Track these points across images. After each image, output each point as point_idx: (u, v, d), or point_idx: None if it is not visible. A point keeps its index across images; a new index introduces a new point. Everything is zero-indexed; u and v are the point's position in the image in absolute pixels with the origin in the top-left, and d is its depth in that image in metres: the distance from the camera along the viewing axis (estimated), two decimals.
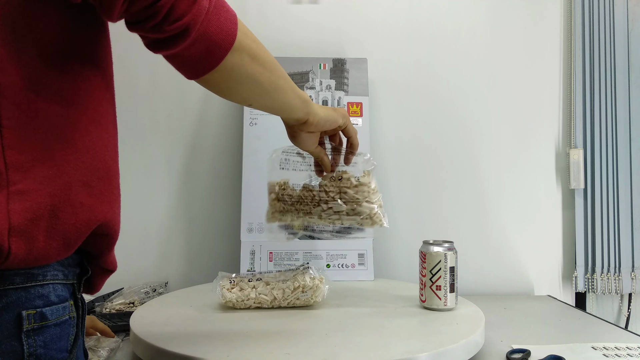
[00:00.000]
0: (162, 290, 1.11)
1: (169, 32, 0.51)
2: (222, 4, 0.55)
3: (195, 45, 0.54)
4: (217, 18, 0.54)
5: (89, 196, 0.51)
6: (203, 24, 0.52)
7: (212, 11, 0.53)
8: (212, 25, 0.53)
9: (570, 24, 1.31)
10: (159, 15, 0.49)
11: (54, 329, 0.50)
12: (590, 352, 0.84)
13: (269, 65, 0.62)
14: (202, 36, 0.53)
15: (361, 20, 1.29)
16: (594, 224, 1.28)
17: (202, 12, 0.52)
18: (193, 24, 0.51)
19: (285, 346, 0.72)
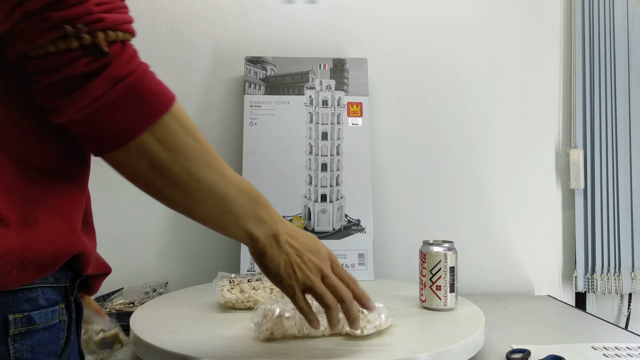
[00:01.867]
0: (162, 290, 1.11)
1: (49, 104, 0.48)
2: (136, 97, 0.49)
3: (77, 125, 0.49)
4: (117, 109, 0.48)
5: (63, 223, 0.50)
6: (86, 109, 0.47)
7: (109, 101, 0.47)
8: (105, 116, 0.48)
9: (570, 24, 1.31)
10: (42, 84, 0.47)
11: (42, 333, 0.49)
12: (590, 352, 0.84)
13: (184, 185, 0.54)
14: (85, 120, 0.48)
15: (361, 20, 1.29)
16: (594, 224, 1.28)
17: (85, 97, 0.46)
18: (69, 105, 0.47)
19: (285, 346, 0.72)
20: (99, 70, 0.47)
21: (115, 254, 1.26)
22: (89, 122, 0.48)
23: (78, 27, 0.45)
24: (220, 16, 1.27)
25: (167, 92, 0.51)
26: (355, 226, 1.18)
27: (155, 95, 0.50)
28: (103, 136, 0.49)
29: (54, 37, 0.45)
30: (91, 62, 0.46)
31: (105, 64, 0.47)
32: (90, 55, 0.46)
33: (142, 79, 0.49)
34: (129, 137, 0.50)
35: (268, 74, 1.24)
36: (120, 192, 1.26)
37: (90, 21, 0.45)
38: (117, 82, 0.47)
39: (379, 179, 1.27)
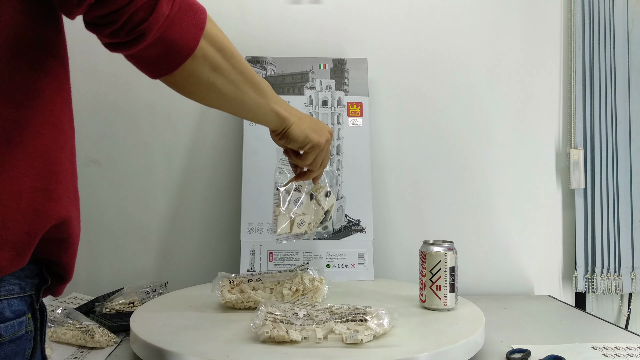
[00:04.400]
0: (162, 290, 1.11)
1: (126, 37, 0.52)
2: (189, 7, 0.55)
3: (151, 48, 0.54)
4: (179, 23, 0.54)
5: (46, 201, 0.49)
6: (160, 29, 0.52)
7: (173, 16, 0.53)
8: (171, 31, 0.53)
9: (570, 25, 1.31)
10: (118, 23, 0.50)
11: (9, 346, 0.49)
12: (590, 352, 0.84)
13: (234, 77, 0.62)
14: (159, 40, 0.53)
15: (361, 20, 1.29)
16: (594, 224, 1.28)
17: (160, 17, 0.51)
18: (149, 30, 0.51)
19: (285, 346, 0.72)
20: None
21: (115, 254, 1.26)
22: (163, 41, 0.53)
23: None
24: (220, 16, 1.26)
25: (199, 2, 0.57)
26: (355, 226, 1.18)
27: (197, 5, 0.56)
28: (174, 51, 0.55)
29: None
30: None
31: None
32: None
33: None
34: (193, 46, 0.55)
35: (268, 74, 1.24)
36: (121, 193, 1.26)
37: None
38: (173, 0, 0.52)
39: (379, 179, 1.27)
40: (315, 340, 0.73)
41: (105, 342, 0.88)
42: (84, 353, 0.85)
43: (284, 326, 0.73)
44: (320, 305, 0.82)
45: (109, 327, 0.93)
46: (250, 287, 0.91)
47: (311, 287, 0.92)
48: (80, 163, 0.58)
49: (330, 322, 0.75)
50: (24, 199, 0.47)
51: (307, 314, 0.78)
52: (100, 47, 0.56)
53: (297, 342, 0.72)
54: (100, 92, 1.26)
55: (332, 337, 0.74)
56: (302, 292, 0.91)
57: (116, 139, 1.26)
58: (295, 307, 0.80)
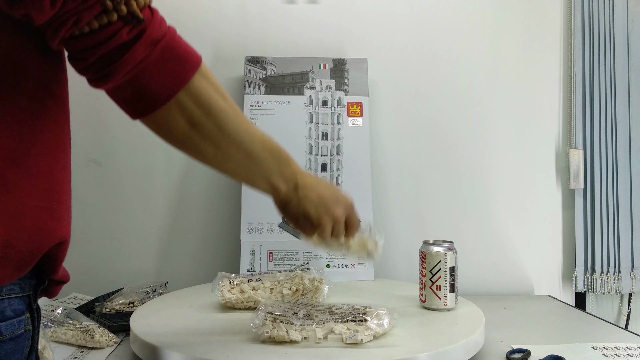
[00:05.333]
0: (162, 290, 1.11)
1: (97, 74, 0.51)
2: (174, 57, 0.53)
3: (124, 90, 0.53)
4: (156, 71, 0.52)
5: (50, 220, 0.50)
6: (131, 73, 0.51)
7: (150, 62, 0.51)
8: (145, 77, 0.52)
9: (570, 24, 1.31)
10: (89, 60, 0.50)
11: (9, 344, 0.50)
12: (590, 352, 0.84)
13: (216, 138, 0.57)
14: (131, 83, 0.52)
15: (361, 20, 1.29)
16: (594, 224, 1.28)
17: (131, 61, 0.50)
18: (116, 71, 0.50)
19: (285, 346, 0.72)
20: (138, 35, 0.50)
21: (115, 254, 1.26)
22: (134, 85, 0.52)
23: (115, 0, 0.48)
24: (220, 16, 1.27)
25: (195, 52, 0.55)
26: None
27: (187, 55, 0.54)
28: (146, 97, 0.53)
29: (97, 13, 0.47)
30: (131, 30, 0.49)
31: (143, 29, 0.50)
32: (129, 24, 0.49)
33: (174, 40, 0.53)
34: (169, 95, 0.53)
35: (268, 74, 1.24)
36: (120, 193, 1.26)
37: None
38: (155, 44, 0.51)
39: (379, 179, 1.27)
40: (315, 340, 0.73)
41: (105, 342, 0.88)
42: (84, 353, 0.85)
43: (284, 326, 0.73)
44: (320, 305, 0.82)
45: (109, 327, 0.93)
46: (250, 287, 0.91)
47: (311, 287, 0.92)
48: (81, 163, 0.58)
49: (330, 322, 0.75)
50: (29, 217, 0.49)
51: (307, 314, 0.78)
52: None
53: (297, 342, 0.72)
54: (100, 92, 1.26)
55: (332, 337, 0.74)
56: (302, 292, 0.91)
57: (116, 139, 1.26)
58: (295, 307, 0.80)
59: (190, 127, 0.56)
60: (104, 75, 0.51)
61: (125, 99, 0.54)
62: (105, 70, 0.50)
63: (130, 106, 0.55)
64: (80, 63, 0.51)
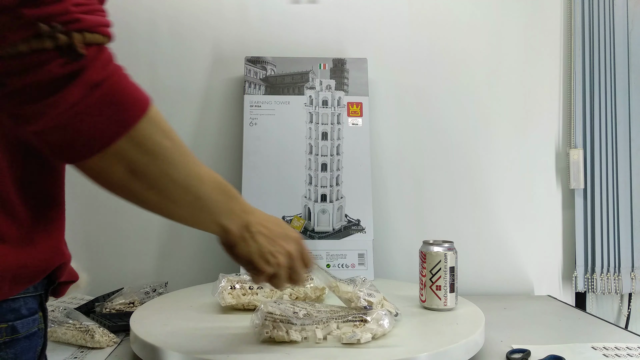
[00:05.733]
0: (162, 290, 1.11)
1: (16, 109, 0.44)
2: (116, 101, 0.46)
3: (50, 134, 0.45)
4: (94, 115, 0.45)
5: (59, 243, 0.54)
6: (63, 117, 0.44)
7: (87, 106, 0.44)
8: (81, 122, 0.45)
9: (570, 24, 1.31)
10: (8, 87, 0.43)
11: (24, 342, 0.51)
12: (590, 352, 0.84)
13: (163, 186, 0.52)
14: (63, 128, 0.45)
15: (361, 20, 1.29)
16: (594, 224, 1.28)
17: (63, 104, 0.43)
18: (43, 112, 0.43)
19: (285, 346, 0.72)
20: (74, 74, 0.43)
21: (115, 254, 1.26)
22: (64, 130, 0.45)
23: (54, 26, 0.42)
24: (220, 16, 1.27)
25: (143, 95, 0.49)
26: (355, 226, 1.18)
27: (133, 100, 0.48)
28: (77, 144, 0.46)
29: (27, 36, 0.41)
30: (66, 64, 0.43)
31: (81, 68, 0.43)
32: (65, 56, 0.43)
33: (118, 83, 0.47)
34: (105, 143, 0.46)
35: (268, 74, 1.24)
36: None
37: (67, 21, 0.42)
38: (94, 87, 0.44)
39: (379, 179, 1.27)
40: (315, 340, 0.73)
41: (105, 342, 0.88)
42: (84, 353, 0.85)
43: (284, 326, 0.73)
44: (320, 305, 0.82)
45: (109, 327, 0.93)
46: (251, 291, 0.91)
47: (313, 296, 0.92)
48: None
49: (330, 322, 0.75)
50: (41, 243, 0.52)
51: (307, 314, 0.78)
52: None
53: (297, 342, 0.72)
54: None
55: (332, 337, 0.74)
56: (304, 299, 0.91)
57: None
58: (295, 307, 0.80)
59: (131, 176, 0.50)
60: (27, 114, 0.44)
61: (51, 144, 0.46)
62: (29, 107, 0.43)
63: (57, 152, 0.47)
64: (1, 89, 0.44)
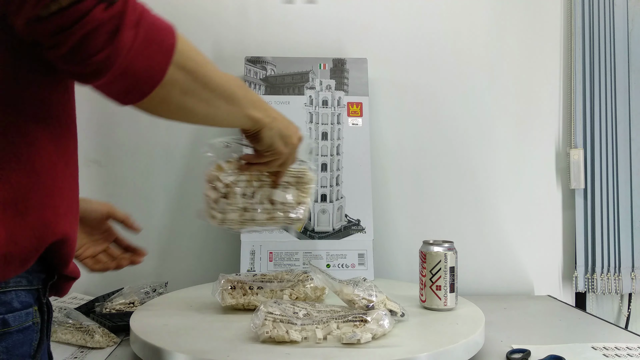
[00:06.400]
0: (162, 290, 1.11)
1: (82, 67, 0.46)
2: (155, 34, 0.50)
3: (115, 83, 0.49)
4: (144, 54, 0.48)
5: (53, 216, 0.51)
6: (124, 63, 0.47)
7: (137, 47, 0.47)
8: (136, 63, 0.48)
9: (570, 24, 1.31)
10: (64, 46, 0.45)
11: (17, 335, 0.51)
12: (590, 352, 0.84)
13: (205, 96, 0.58)
14: (123, 74, 0.48)
15: (361, 20, 1.29)
16: (594, 224, 1.28)
17: (121, 50, 0.46)
18: (110, 63, 0.46)
19: (285, 346, 0.72)
20: (117, 17, 0.45)
21: None
22: (128, 74, 0.48)
23: None
24: (220, 16, 1.27)
25: (167, 21, 0.53)
26: (355, 226, 1.18)
27: (165, 28, 0.51)
28: (141, 83, 0.50)
29: None
30: (107, 9, 0.45)
31: (121, 10, 0.46)
32: (103, 2, 0.45)
33: (150, 16, 0.50)
34: (161, 74, 0.51)
35: (268, 74, 1.24)
36: (120, 192, 1.26)
37: None
38: (137, 26, 0.47)
39: (379, 179, 1.27)
40: (315, 340, 0.73)
41: (105, 342, 0.88)
42: (84, 353, 0.85)
43: (284, 326, 0.73)
44: (320, 305, 0.82)
45: (109, 327, 0.93)
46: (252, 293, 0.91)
47: (313, 296, 0.92)
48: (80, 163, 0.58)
49: (330, 322, 0.75)
50: (32, 214, 0.49)
51: (307, 314, 0.78)
52: None
53: (297, 342, 0.72)
54: None
55: (332, 337, 0.74)
56: (304, 299, 0.91)
57: (116, 139, 1.26)
58: (295, 307, 0.80)
59: (184, 96, 0.55)
60: (95, 70, 0.46)
61: (118, 90, 0.50)
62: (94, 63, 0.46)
63: (123, 96, 0.51)
64: (55, 51, 0.45)
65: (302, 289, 0.91)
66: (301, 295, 0.91)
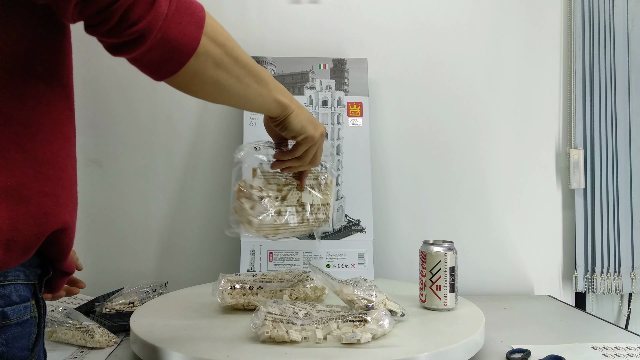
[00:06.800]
0: (162, 290, 1.11)
1: (124, 37, 0.50)
2: (187, 6, 0.53)
3: (154, 51, 0.52)
4: (179, 22, 0.52)
5: (54, 206, 0.52)
6: (161, 30, 0.50)
7: (172, 15, 0.51)
8: (172, 31, 0.51)
9: (570, 24, 1.31)
10: (112, 20, 0.48)
11: (16, 328, 0.52)
12: (590, 352, 0.84)
13: (236, 71, 0.60)
14: (160, 42, 0.51)
15: (361, 20, 1.29)
16: (594, 224, 1.28)
17: (159, 17, 0.50)
18: (149, 30, 0.50)
19: (285, 346, 0.72)
20: None
21: (115, 254, 1.26)
22: (164, 43, 0.51)
23: None
24: (220, 16, 1.26)
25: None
26: (355, 226, 1.18)
27: (194, 2, 0.54)
28: (176, 53, 0.53)
29: None
30: None
31: None
32: None
33: None
34: (195, 44, 0.53)
35: None
36: (121, 193, 1.26)
37: None
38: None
39: (379, 179, 1.27)
40: (315, 340, 0.73)
41: (105, 342, 0.88)
42: (84, 353, 0.85)
43: (284, 326, 0.73)
44: (320, 305, 0.82)
45: (109, 327, 0.93)
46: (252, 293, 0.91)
47: (313, 296, 0.92)
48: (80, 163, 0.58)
49: (330, 322, 0.75)
50: (33, 202, 0.50)
51: (307, 314, 0.78)
52: (100, 47, 0.56)
53: (297, 342, 0.72)
54: (100, 92, 1.26)
55: (332, 337, 0.74)
56: (304, 299, 0.91)
57: (116, 139, 1.26)
58: (295, 307, 0.80)
59: (217, 69, 0.57)
60: (137, 38, 0.50)
61: (154, 60, 0.53)
62: (135, 31, 0.49)
63: (160, 66, 0.54)
64: (101, 27, 0.49)
65: (302, 289, 0.91)
66: (301, 295, 0.91)
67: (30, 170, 0.50)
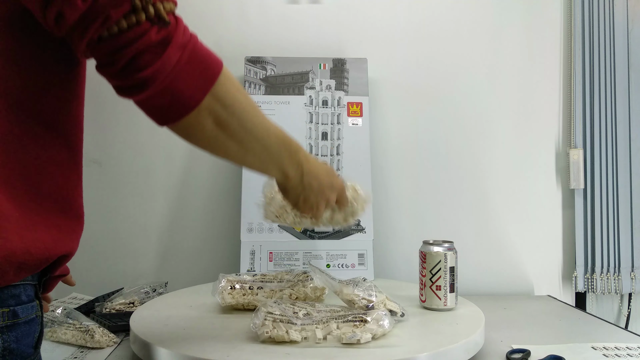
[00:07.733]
0: (162, 290, 1.11)
1: (130, 81, 0.51)
2: (201, 60, 0.54)
3: (156, 98, 0.53)
4: (187, 75, 0.53)
5: (59, 234, 0.55)
6: (167, 79, 0.52)
7: (182, 67, 0.52)
8: (177, 82, 0.52)
9: (570, 24, 1.31)
10: (120, 63, 0.50)
11: (24, 326, 0.54)
12: (590, 352, 0.84)
13: (240, 135, 0.60)
14: (164, 91, 0.52)
15: (361, 20, 1.29)
16: (594, 224, 1.28)
17: (167, 66, 0.51)
18: (154, 78, 0.51)
19: (285, 346, 0.72)
20: (167, 39, 0.51)
21: (115, 254, 1.26)
22: (167, 92, 0.52)
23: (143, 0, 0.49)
24: (220, 16, 1.27)
25: (216, 56, 0.57)
26: (355, 226, 1.18)
27: (210, 59, 0.56)
28: (178, 103, 0.54)
29: (126, 11, 0.48)
30: (160, 31, 0.50)
31: (170, 33, 0.51)
32: (156, 25, 0.50)
33: (198, 44, 0.55)
34: (198, 99, 0.54)
35: (268, 74, 1.24)
36: (121, 193, 1.26)
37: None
38: (183, 48, 0.52)
39: (379, 179, 1.27)
40: (315, 340, 0.73)
41: (105, 342, 0.88)
42: (84, 353, 0.85)
43: (284, 326, 0.73)
44: (320, 305, 0.82)
45: (109, 327, 0.93)
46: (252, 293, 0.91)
47: (313, 296, 0.92)
48: None
49: (330, 322, 0.75)
50: (40, 232, 0.53)
51: (307, 314, 0.78)
52: None
53: (297, 342, 0.72)
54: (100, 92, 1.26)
55: (332, 337, 0.74)
56: (304, 299, 0.91)
57: (116, 139, 1.26)
58: (295, 307, 0.80)
59: (218, 128, 0.57)
60: (139, 84, 0.51)
61: (156, 107, 0.54)
62: (141, 77, 0.50)
63: (161, 114, 0.55)
64: (109, 68, 0.51)
65: (302, 289, 0.91)
66: (301, 295, 0.91)
67: (33, 204, 0.53)
